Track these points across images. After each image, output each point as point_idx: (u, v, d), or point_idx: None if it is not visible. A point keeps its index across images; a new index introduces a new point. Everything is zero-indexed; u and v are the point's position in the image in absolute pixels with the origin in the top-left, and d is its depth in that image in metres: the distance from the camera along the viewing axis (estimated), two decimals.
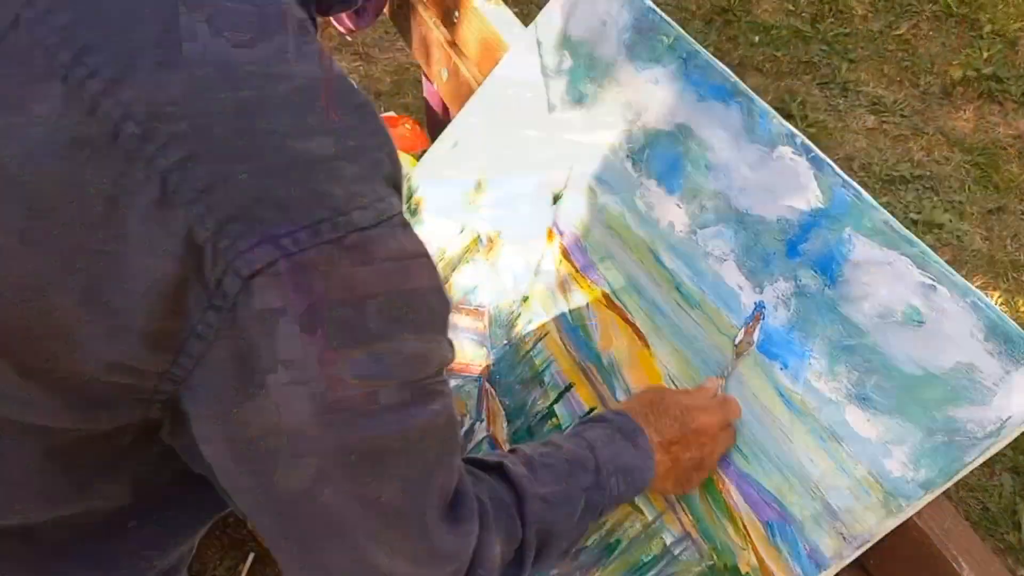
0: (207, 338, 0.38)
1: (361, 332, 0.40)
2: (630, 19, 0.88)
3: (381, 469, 0.44)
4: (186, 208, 0.36)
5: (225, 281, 0.37)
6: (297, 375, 0.39)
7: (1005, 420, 0.61)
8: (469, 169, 1.00)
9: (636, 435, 0.66)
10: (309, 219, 0.37)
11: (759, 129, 0.77)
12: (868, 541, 0.65)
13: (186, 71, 0.37)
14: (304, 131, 0.38)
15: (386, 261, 0.40)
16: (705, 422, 0.69)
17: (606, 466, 0.63)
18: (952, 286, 0.65)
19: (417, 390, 0.44)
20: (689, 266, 0.78)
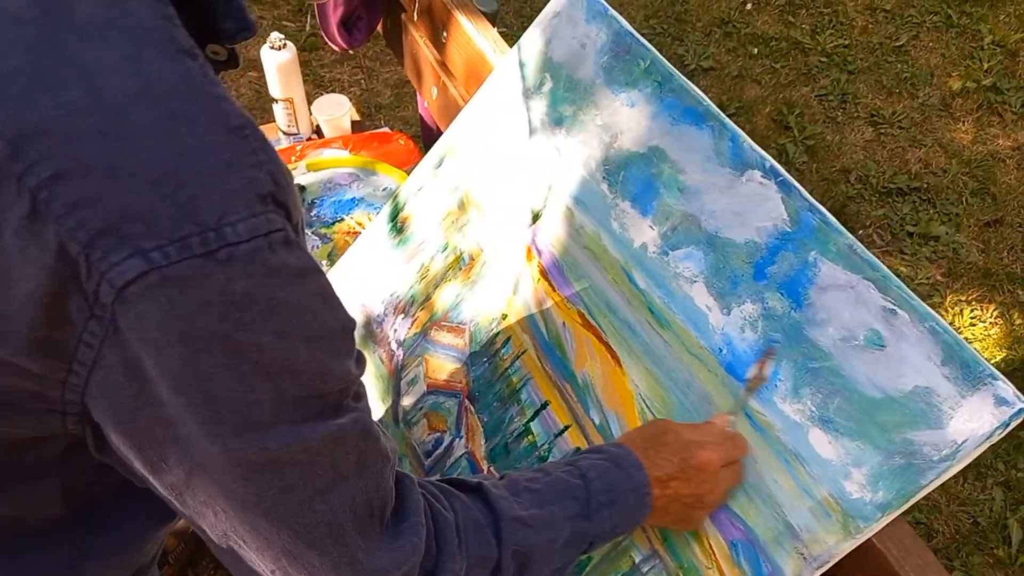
0: (94, 346, 0.40)
1: (243, 346, 0.41)
2: (608, 42, 0.90)
3: (283, 484, 0.45)
4: (57, 223, 0.38)
5: (101, 292, 0.39)
6: (181, 390, 0.41)
7: (960, 444, 0.62)
8: (453, 187, 1.02)
9: (632, 468, 0.66)
10: (177, 234, 0.39)
11: (730, 153, 0.79)
12: (828, 562, 0.66)
13: (54, 94, 0.39)
14: (173, 152, 0.40)
15: (265, 275, 0.41)
16: (706, 458, 0.67)
17: (597, 496, 0.63)
18: (912, 310, 0.67)
19: (315, 404, 0.45)
20: (660, 287, 0.80)
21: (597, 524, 0.63)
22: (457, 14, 1.13)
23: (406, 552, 0.52)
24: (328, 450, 0.46)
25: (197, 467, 0.44)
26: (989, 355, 1.83)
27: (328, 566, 0.48)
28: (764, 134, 2.31)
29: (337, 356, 0.46)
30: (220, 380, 0.41)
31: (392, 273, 1.05)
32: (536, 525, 0.60)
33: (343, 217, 1.32)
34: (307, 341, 0.44)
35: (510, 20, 2.56)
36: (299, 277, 0.43)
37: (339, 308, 0.47)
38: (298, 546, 0.47)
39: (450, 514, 0.57)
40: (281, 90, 1.48)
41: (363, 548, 0.49)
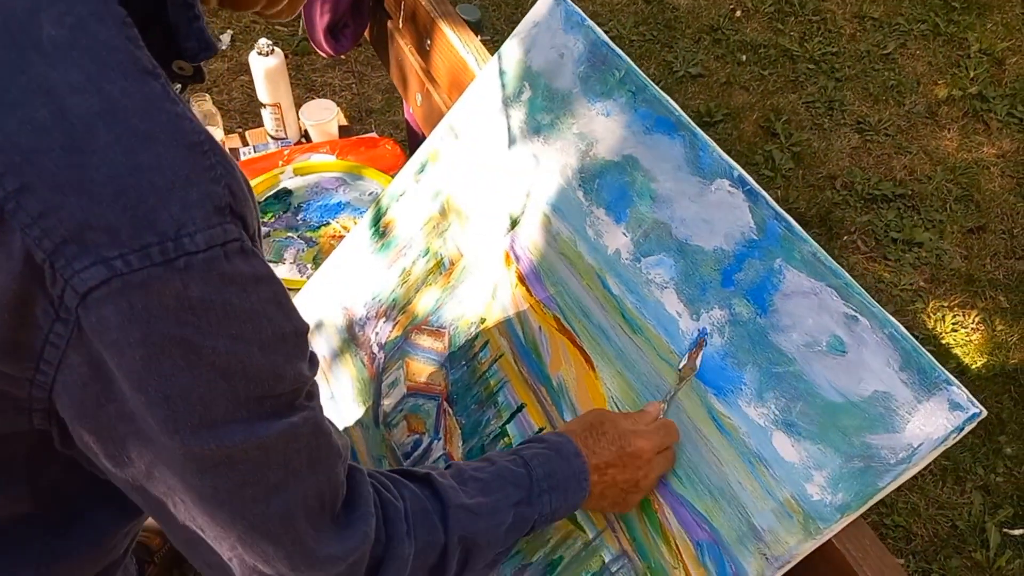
0: (59, 346, 0.43)
1: (199, 349, 0.44)
2: (585, 52, 0.91)
3: (239, 478, 0.47)
4: (23, 232, 0.41)
5: (66, 296, 0.42)
6: (141, 389, 0.44)
7: (916, 447, 0.64)
8: (435, 193, 1.03)
9: (572, 456, 0.70)
10: (139, 243, 0.42)
11: (700, 162, 0.80)
12: (789, 562, 0.68)
13: (21, 113, 0.41)
14: (134, 167, 0.42)
15: (220, 283, 0.44)
16: (641, 446, 0.71)
17: (539, 483, 0.67)
18: (872, 317, 0.68)
19: (268, 403, 0.47)
20: (633, 292, 0.82)
21: (538, 508, 0.67)
22: (441, 23, 1.15)
23: (356, 540, 0.54)
24: (281, 446, 0.48)
25: (157, 461, 0.46)
26: (970, 360, 1.86)
27: (282, 555, 0.50)
28: (751, 140, 2.34)
29: (290, 359, 0.48)
30: (177, 381, 0.44)
31: (374, 277, 1.07)
32: (481, 512, 0.63)
33: (329, 221, 1.33)
34: (261, 345, 0.46)
35: (500, 27, 2.58)
36: (253, 284, 0.46)
37: (293, 313, 0.49)
38: (253, 536, 0.49)
39: (400, 503, 0.60)
40: (269, 95, 1.49)
41: (314, 538, 0.52)
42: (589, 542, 0.79)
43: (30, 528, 0.58)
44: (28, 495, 0.56)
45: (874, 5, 2.75)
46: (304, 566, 0.52)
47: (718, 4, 2.74)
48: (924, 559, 1.53)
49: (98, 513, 0.61)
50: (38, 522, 0.58)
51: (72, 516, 0.60)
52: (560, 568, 0.80)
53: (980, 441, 1.70)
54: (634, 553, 0.76)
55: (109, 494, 0.55)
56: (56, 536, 0.60)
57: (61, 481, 0.57)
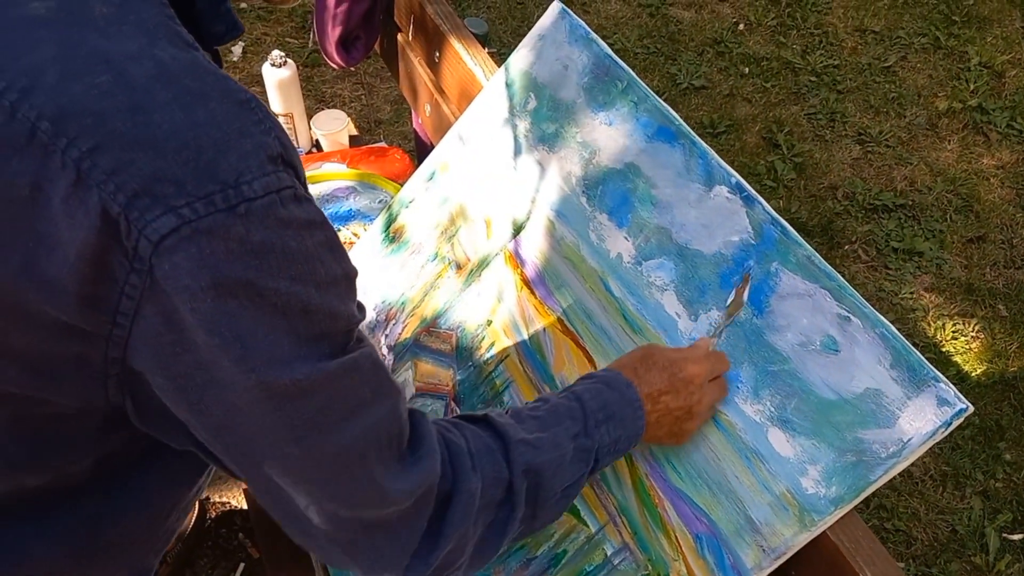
0: (134, 298, 0.46)
1: (263, 290, 0.46)
2: (588, 64, 0.95)
3: (312, 411, 0.50)
4: (99, 188, 0.44)
5: (140, 247, 0.44)
6: (214, 333, 0.46)
7: (906, 441, 0.67)
8: (443, 200, 1.07)
9: (623, 387, 0.71)
10: (203, 192, 0.44)
11: (699, 169, 0.84)
12: (785, 553, 0.70)
13: (86, 79, 0.45)
14: (192, 122, 0.45)
15: (279, 227, 0.46)
16: (693, 371, 0.72)
17: (594, 415, 0.68)
18: (864, 317, 0.71)
19: (327, 342, 0.50)
20: (634, 294, 0.84)
21: (597, 439, 0.68)
22: (450, 36, 1.18)
23: (423, 474, 0.57)
24: (347, 380, 0.51)
25: (236, 405, 0.49)
26: (970, 368, 1.88)
27: (354, 489, 0.53)
28: (754, 151, 2.37)
29: (343, 299, 0.51)
30: (246, 321, 0.46)
31: (384, 281, 1.10)
32: (542, 446, 0.64)
33: (340, 228, 1.37)
34: (317, 285, 0.49)
35: (507, 39, 2.62)
36: (308, 228, 0.48)
37: (344, 257, 0.52)
38: (327, 472, 0.52)
39: (462, 441, 0.62)
40: (281, 105, 1.53)
41: (383, 472, 0.54)
42: (592, 536, 0.82)
43: (85, 496, 0.61)
44: (91, 465, 0.59)
45: (875, 19, 2.78)
46: (378, 499, 0.54)
47: (721, 18, 2.78)
48: (924, 563, 1.54)
49: (148, 481, 0.64)
50: (93, 490, 0.61)
51: (124, 485, 0.62)
52: (564, 561, 0.83)
53: (980, 447, 1.72)
54: (635, 546, 0.79)
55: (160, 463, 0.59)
56: (108, 503, 0.62)
57: (121, 453, 0.59)
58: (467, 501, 0.59)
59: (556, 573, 0.83)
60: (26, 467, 0.57)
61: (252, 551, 1.53)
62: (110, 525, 0.63)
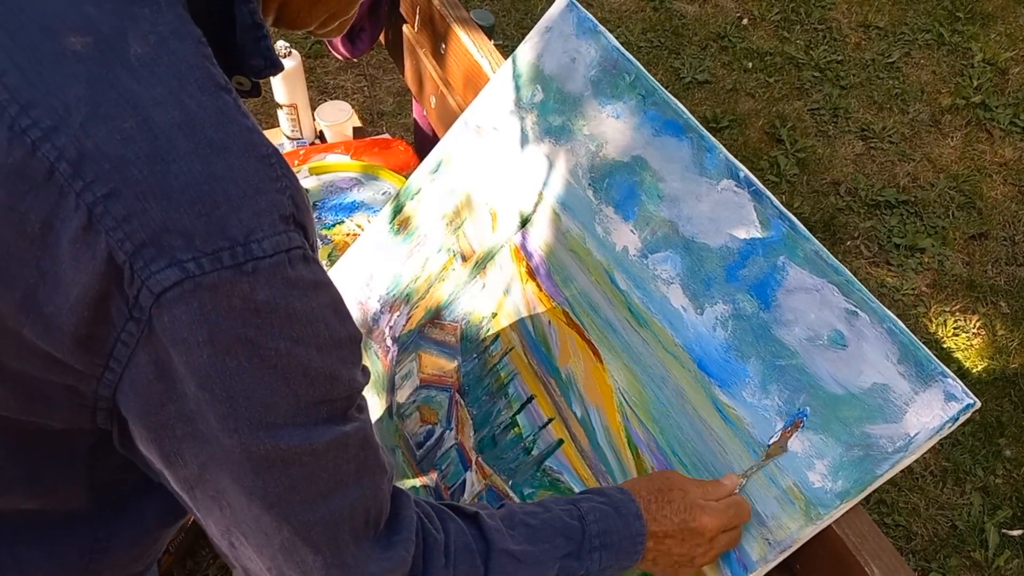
0: (129, 345, 0.45)
1: (262, 350, 0.46)
2: (596, 57, 0.95)
3: (289, 481, 0.49)
4: (108, 234, 0.44)
5: (141, 296, 0.44)
6: (205, 387, 0.46)
7: (913, 436, 0.67)
8: (449, 191, 1.06)
9: (632, 517, 0.68)
10: (211, 248, 0.44)
11: (707, 163, 0.83)
12: (791, 547, 0.71)
13: (111, 123, 0.45)
14: (209, 175, 0.45)
15: (285, 287, 0.46)
16: (706, 523, 0.68)
17: (591, 540, 0.65)
18: (871, 312, 0.71)
19: (324, 409, 0.49)
20: (640, 288, 0.84)
21: (586, 564, 0.65)
22: (456, 27, 1.18)
23: (394, 563, 0.55)
24: (332, 454, 0.50)
25: (211, 461, 0.48)
26: (972, 364, 1.88)
27: (320, 565, 0.51)
28: (757, 146, 2.37)
29: (345, 363, 0.50)
30: (241, 380, 0.46)
31: (389, 272, 1.10)
32: (526, 560, 0.62)
33: (343, 219, 1.36)
34: (319, 347, 0.48)
35: (511, 31, 2.62)
36: (314, 290, 0.48)
37: (348, 320, 0.51)
38: (295, 543, 0.50)
39: (440, 535, 0.60)
40: (286, 96, 1.53)
41: (355, 554, 0.53)
42: None
43: (81, 520, 0.60)
44: (85, 489, 0.58)
45: (879, 14, 2.78)
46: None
47: (725, 12, 2.77)
48: (924, 558, 1.55)
49: (146, 509, 0.63)
50: (90, 515, 0.60)
51: (121, 511, 0.62)
52: None
53: (980, 443, 1.72)
54: None
55: (158, 493, 0.57)
56: (104, 528, 0.62)
57: (117, 478, 0.59)
58: None
59: None
60: (21, 489, 0.57)
61: None
62: (105, 548, 0.63)
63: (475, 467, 0.93)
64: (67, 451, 0.55)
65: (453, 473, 0.94)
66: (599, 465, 0.83)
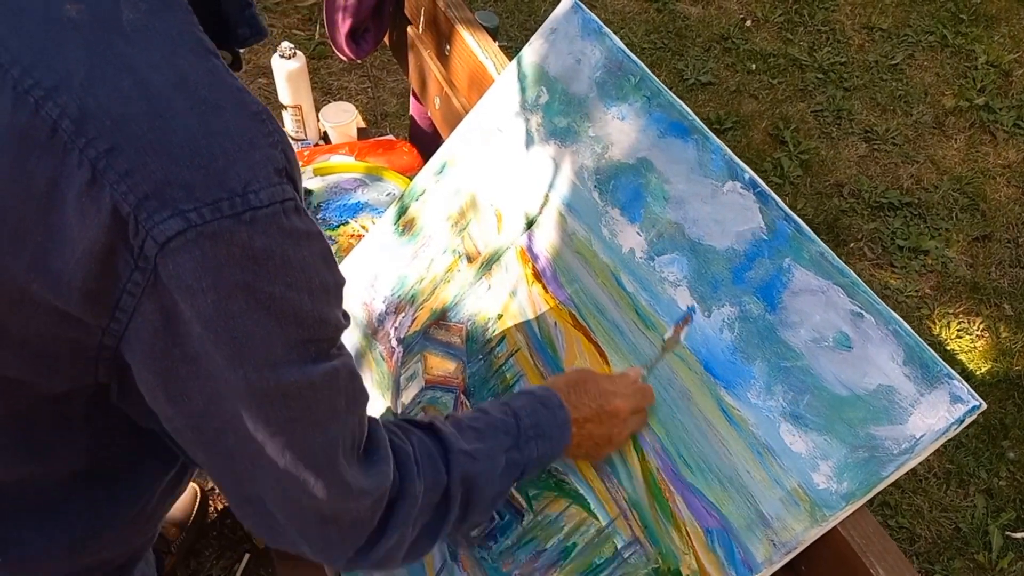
0: (135, 295, 0.48)
1: (260, 294, 0.48)
2: (601, 58, 0.95)
3: (291, 412, 0.52)
4: (112, 188, 0.46)
5: (146, 246, 0.46)
6: (210, 329, 0.48)
7: (918, 438, 0.67)
8: (454, 192, 1.07)
9: (556, 408, 0.77)
10: (211, 198, 0.46)
11: (712, 164, 0.84)
12: (795, 548, 0.71)
13: (110, 83, 0.47)
14: (207, 132, 0.47)
15: (280, 236, 0.49)
16: (619, 406, 0.78)
17: (526, 432, 0.74)
18: (877, 314, 0.71)
19: (313, 348, 0.53)
20: (646, 290, 0.85)
21: (527, 454, 0.73)
22: (460, 29, 1.18)
23: (381, 477, 0.61)
24: (327, 386, 0.54)
25: (217, 395, 0.51)
26: (975, 367, 1.88)
27: (323, 486, 0.56)
28: (760, 148, 2.37)
29: (331, 307, 0.54)
30: (243, 322, 0.48)
31: (394, 274, 1.10)
32: (479, 456, 0.70)
33: (348, 220, 1.37)
34: (310, 293, 0.51)
35: (514, 33, 2.62)
36: (306, 239, 0.51)
37: (335, 267, 0.55)
38: (299, 465, 0.54)
39: (408, 447, 0.66)
40: (290, 97, 1.53)
41: (350, 472, 0.57)
42: (602, 529, 0.82)
43: (80, 483, 0.63)
44: (84, 452, 0.61)
45: (883, 16, 2.78)
46: (340, 497, 0.57)
47: (728, 14, 2.78)
48: (927, 560, 1.55)
49: (141, 467, 0.66)
50: (88, 478, 0.63)
51: (117, 474, 0.64)
52: (574, 554, 0.83)
53: (984, 446, 1.72)
54: (646, 539, 0.79)
55: (152, 449, 0.60)
56: (102, 490, 0.64)
57: (113, 438, 0.61)
58: (410, 504, 0.63)
59: (566, 566, 0.83)
60: (19, 456, 0.59)
61: (257, 542, 1.53)
62: (105, 512, 0.65)
63: None
64: (64, 412, 0.57)
65: None
66: (604, 466, 0.84)
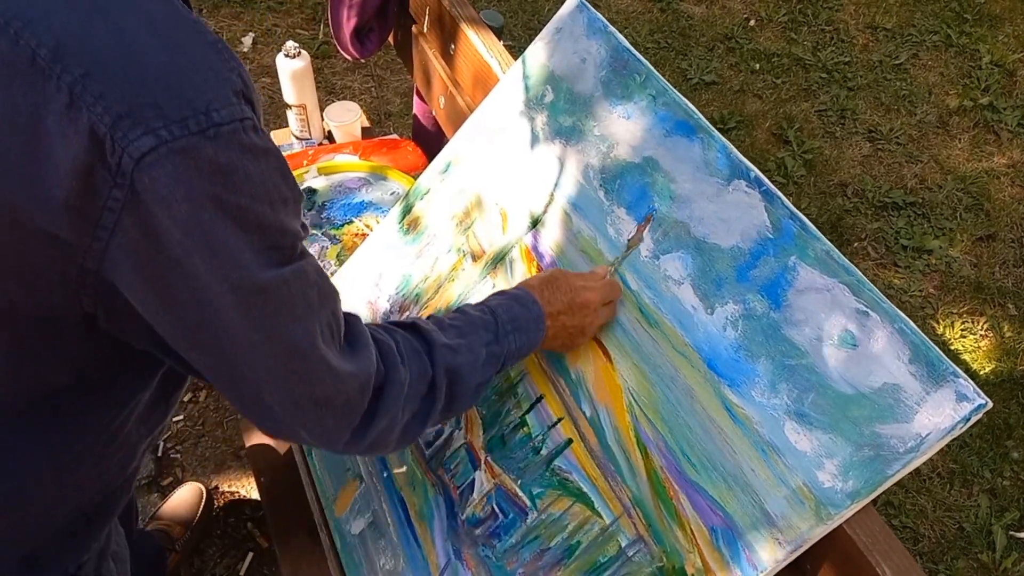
0: (115, 210, 0.52)
1: (228, 204, 0.54)
2: (607, 57, 0.95)
3: (271, 307, 0.58)
4: (88, 109, 0.50)
5: (123, 163, 0.51)
6: (187, 235, 0.53)
7: (924, 436, 0.67)
8: (459, 192, 1.07)
9: (530, 303, 0.82)
10: (179, 116, 0.51)
11: (718, 163, 0.84)
12: (800, 547, 0.71)
13: (84, 23, 0.52)
14: (171, 59, 0.52)
15: (240, 151, 0.54)
16: (589, 297, 0.84)
17: (504, 326, 0.80)
18: (883, 312, 0.71)
19: (278, 252, 0.58)
20: (650, 288, 0.85)
21: (505, 347, 0.79)
22: (465, 28, 1.18)
23: (365, 363, 0.67)
24: (299, 283, 0.60)
25: (203, 297, 0.56)
26: (979, 366, 1.88)
27: (309, 371, 0.62)
28: (764, 147, 2.36)
29: (290, 217, 0.59)
30: (216, 229, 0.54)
31: (399, 272, 1.10)
32: (460, 350, 0.76)
33: (352, 219, 1.37)
34: (271, 204, 0.56)
35: (518, 32, 2.62)
36: (264, 155, 0.56)
37: (293, 182, 0.60)
38: (285, 357, 0.60)
39: (391, 341, 0.72)
40: (295, 96, 1.53)
41: (333, 358, 0.63)
42: (606, 527, 0.82)
43: (62, 398, 0.67)
44: (70, 368, 0.65)
45: (887, 16, 2.78)
46: (328, 381, 0.63)
47: (732, 13, 2.77)
48: (931, 560, 1.55)
49: (120, 384, 0.70)
50: (72, 392, 0.67)
51: (99, 387, 0.68)
52: (578, 552, 0.83)
53: (987, 445, 1.72)
54: (650, 538, 0.79)
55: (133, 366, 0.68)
56: (82, 404, 0.68)
57: (100, 356, 0.65)
58: (398, 389, 0.70)
59: (570, 564, 0.83)
60: (11, 377, 0.63)
61: (261, 540, 1.54)
62: (85, 429, 0.70)
63: (484, 467, 0.93)
64: (53, 334, 0.61)
65: (462, 473, 0.95)
66: (608, 464, 0.84)
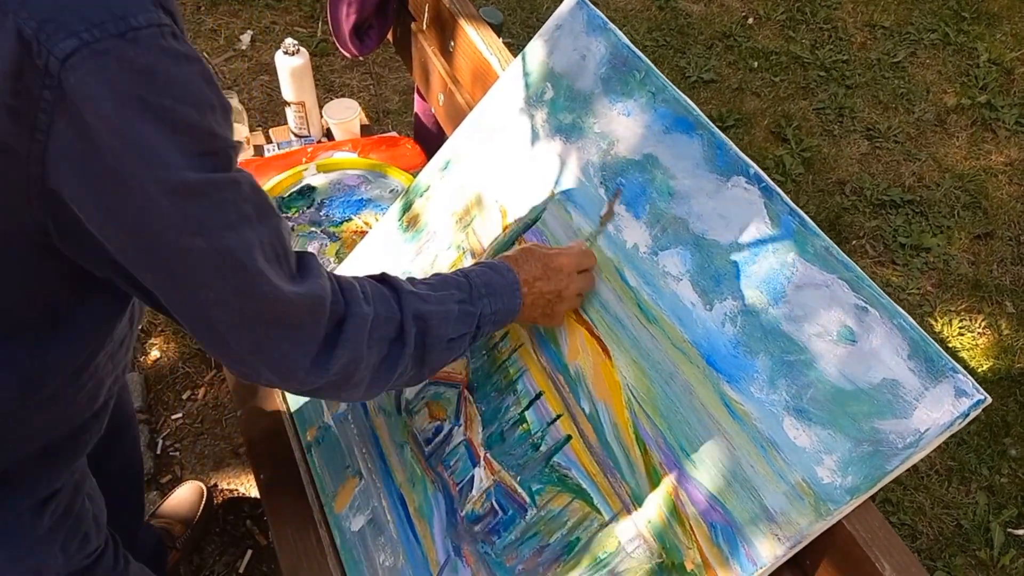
0: (48, 112, 0.54)
1: (152, 105, 0.56)
2: (606, 54, 0.95)
3: (203, 210, 0.59)
4: (14, 14, 0.53)
5: (50, 64, 0.53)
6: (115, 137, 0.55)
7: (923, 432, 0.67)
8: (459, 189, 1.07)
9: (505, 271, 0.84)
10: (98, 19, 0.54)
11: (717, 160, 0.84)
12: (800, 543, 0.71)
13: None
14: None
15: (160, 54, 0.56)
16: (563, 261, 0.86)
17: (478, 288, 0.81)
18: (881, 308, 0.71)
19: (209, 159, 0.59)
20: (649, 284, 0.85)
21: (479, 308, 0.80)
22: (464, 25, 1.18)
23: (315, 287, 0.67)
24: (231, 191, 0.61)
25: (140, 204, 0.58)
26: (976, 364, 1.88)
27: (254, 284, 0.62)
28: (762, 146, 2.37)
29: (219, 124, 0.60)
30: (142, 129, 0.56)
31: (398, 269, 1.10)
32: (430, 300, 0.77)
33: (351, 217, 1.37)
34: (197, 107, 0.58)
35: (516, 30, 2.62)
36: (185, 60, 0.58)
37: (219, 91, 0.61)
38: (225, 270, 0.61)
39: (355, 282, 0.73)
40: (293, 94, 1.53)
41: (277, 278, 0.64)
42: (605, 523, 0.82)
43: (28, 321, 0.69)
44: (34, 298, 0.67)
45: (885, 14, 2.78)
46: (273, 299, 0.64)
47: (730, 11, 2.78)
48: (929, 557, 1.55)
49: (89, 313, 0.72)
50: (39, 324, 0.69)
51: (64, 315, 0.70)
52: (577, 549, 0.83)
53: (985, 442, 1.72)
54: (649, 534, 0.79)
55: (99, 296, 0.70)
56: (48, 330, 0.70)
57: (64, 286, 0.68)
58: (360, 323, 0.70)
59: (569, 560, 0.83)
60: None
61: (259, 538, 1.54)
62: (50, 355, 0.71)
63: (483, 463, 0.93)
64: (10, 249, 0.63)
65: (461, 469, 0.95)
66: (607, 461, 0.84)
